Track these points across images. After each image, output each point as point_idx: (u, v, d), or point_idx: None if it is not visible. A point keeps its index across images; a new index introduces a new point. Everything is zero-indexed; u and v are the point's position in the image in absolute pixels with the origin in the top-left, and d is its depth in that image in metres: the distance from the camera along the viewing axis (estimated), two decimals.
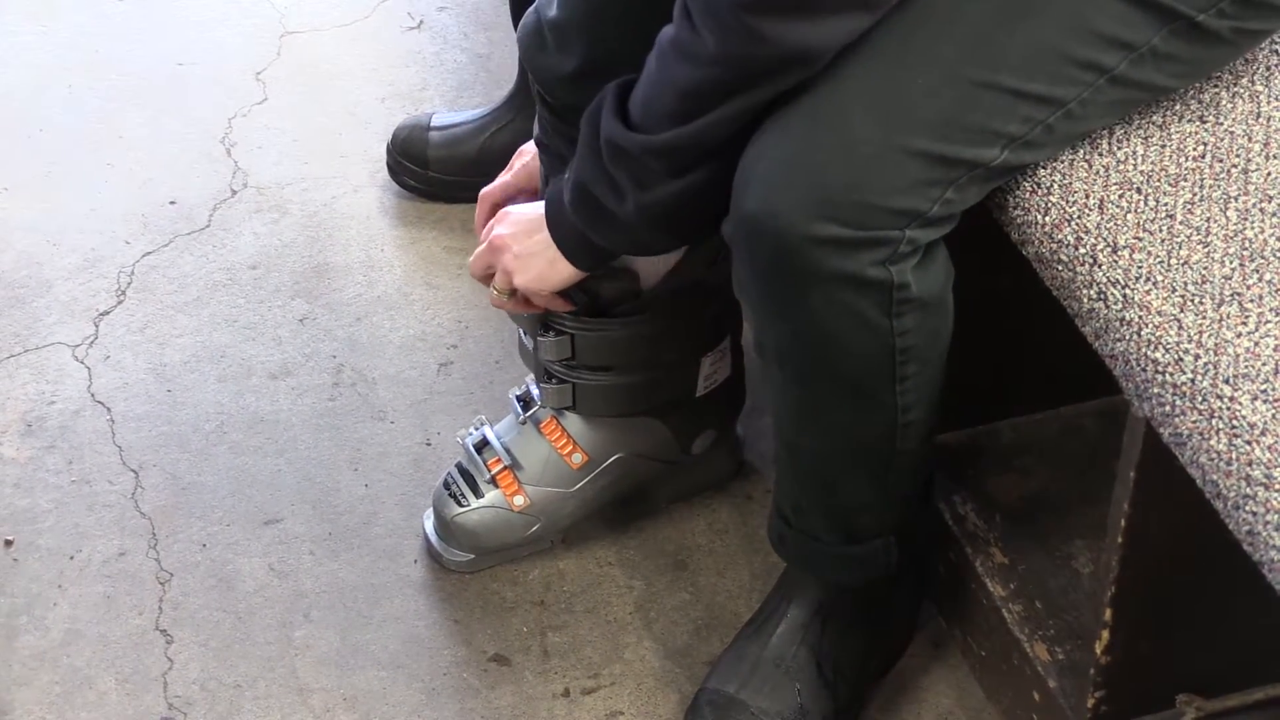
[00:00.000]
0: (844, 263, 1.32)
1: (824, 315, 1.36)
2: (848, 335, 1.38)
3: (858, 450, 1.49)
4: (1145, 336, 1.25)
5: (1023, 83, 1.32)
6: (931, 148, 1.31)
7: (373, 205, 2.21)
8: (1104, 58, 1.34)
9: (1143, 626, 1.43)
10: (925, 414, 1.47)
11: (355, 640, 1.72)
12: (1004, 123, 1.33)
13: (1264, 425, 1.17)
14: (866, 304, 1.36)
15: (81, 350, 2.02)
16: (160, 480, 1.87)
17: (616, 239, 1.49)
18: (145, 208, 2.20)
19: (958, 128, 1.32)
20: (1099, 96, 1.35)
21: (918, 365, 1.42)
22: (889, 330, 1.38)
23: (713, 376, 1.74)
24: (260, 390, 1.97)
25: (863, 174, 1.30)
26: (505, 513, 1.75)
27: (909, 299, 1.36)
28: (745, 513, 1.84)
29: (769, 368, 1.46)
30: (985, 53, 1.32)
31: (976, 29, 1.33)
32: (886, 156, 1.30)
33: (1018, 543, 1.64)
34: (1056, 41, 1.33)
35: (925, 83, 1.32)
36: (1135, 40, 1.34)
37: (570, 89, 1.53)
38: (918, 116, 1.31)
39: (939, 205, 1.33)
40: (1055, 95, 1.34)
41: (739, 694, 1.57)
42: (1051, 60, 1.33)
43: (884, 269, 1.34)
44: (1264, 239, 1.30)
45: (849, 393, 1.44)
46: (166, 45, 2.48)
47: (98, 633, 1.73)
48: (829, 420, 1.47)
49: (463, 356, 2.01)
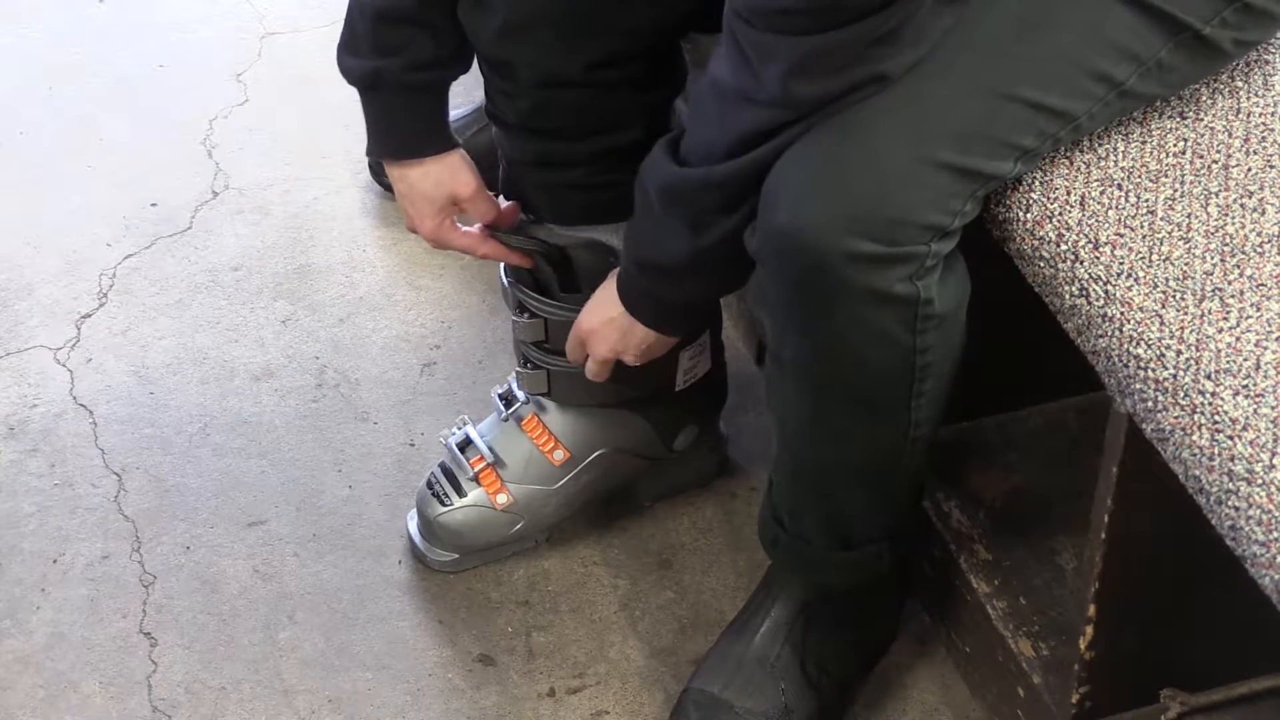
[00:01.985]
0: (872, 279, 1.32)
1: (848, 331, 1.36)
2: (870, 351, 1.38)
3: (864, 463, 1.49)
4: (1127, 333, 1.25)
5: (1041, 95, 1.33)
6: (955, 160, 1.31)
7: (355, 206, 2.21)
8: (1116, 70, 1.34)
9: (1126, 622, 1.43)
10: (932, 428, 1.47)
11: (340, 641, 1.72)
12: (1021, 135, 1.34)
13: (1246, 420, 1.17)
14: (891, 321, 1.35)
15: (63, 353, 2.02)
16: (143, 483, 1.87)
17: (676, 290, 1.51)
18: (126, 210, 2.20)
19: (979, 140, 1.32)
20: (1106, 110, 1.37)
21: (934, 381, 1.42)
22: (912, 348, 1.38)
23: (692, 371, 1.74)
24: (243, 392, 1.97)
25: (892, 188, 1.30)
26: (488, 511, 1.75)
27: (931, 314, 1.36)
28: (730, 511, 1.84)
29: (783, 380, 1.45)
30: (1006, 65, 1.33)
31: (997, 41, 1.33)
32: (913, 170, 1.31)
33: (1002, 539, 1.64)
34: (1074, 53, 1.34)
35: (948, 95, 1.32)
36: (1144, 53, 1.35)
37: (500, 43, 1.53)
38: (942, 129, 1.31)
39: (958, 218, 1.34)
40: (1070, 109, 1.34)
41: (723, 694, 1.57)
42: (1069, 72, 1.34)
43: (911, 284, 1.33)
44: (1244, 234, 1.30)
45: (864, 408, 1.43)
46: (147, 47, 2.47)
47: (81, 636, 1.72)
48: (841, 434, 1.47)
49: (446, 357, 2.01)
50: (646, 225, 1.47)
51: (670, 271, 1.48)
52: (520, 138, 1.58)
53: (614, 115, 1.55)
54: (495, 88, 1.58)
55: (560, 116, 1.55)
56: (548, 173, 1.59)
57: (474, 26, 1.54)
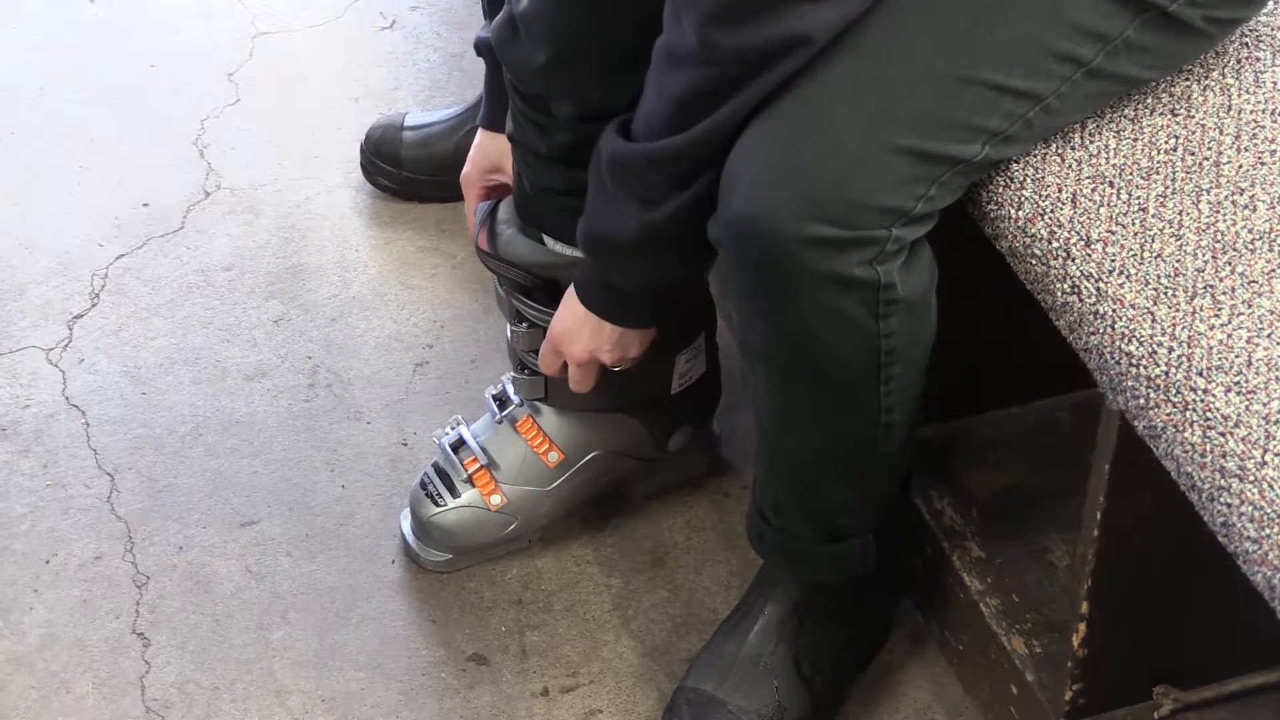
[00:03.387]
0: (832, 263, 1.32)
1: (811, 316, 1.36)
2: (834, 336, 1.38)
3: (840, 451, 1.49)
4: (1119, 330, 1.25)
5: (1003, 77, 1.33)
6: (916, 144, 1.31)
7: (347, 206, 2.21)
8: (1080, 50, 1.34)
9: (1119, 619, 1.44)
10: (906, 415, 1.47)
11: (333, 641, 1.72)
12: (985, 118, 1.33)
13: (1237, 417, 1.17)
14: (854, 305, 1.35)
15: (55, 354, 2.01)
16: (136, 483, 1.87)
17: (630, 272, 1.49)
18: (118, 210, 2.20)
19: (941, 123, 1.32)
20: (1076, 90, 1.36)
21: (902, 366, 1.42)
22: (875, 332, 1.38)
23: (688, 374, 1.74)
24: (236, 392, 1.97)
25: (849, 173, 1.30)
26: (482, 512, 1.75)
27: (895, 299, 1.36)
28: (722, 509, 1.84)
29: (753, 368, 1.46)
30: (965, 47, 1.33)
31: (955, 24, 1.33)
32: (872, 154, 1.30)
33: (994, 537, 1.64)
34: (1034, 34, 1.33)
35: (907, 79, 1.32)
36: (1109, 32, 1.34)
37: (541, 80, 1.52)
38: (901, 113, 1.31)
39: (922, 203, 1.33)
40: (1034, 89, 1.34)
41: (717, 692, 1.57)
42: (1030, 53, 1.33)
43: (871, 269, 1.34)
44: (1235, 231, 1.30)
45: (833, 394, 1.44)
46: (138, 47, 2.47)
47: (74, 637, 1.72)
48: (812, 421, 1.47)
49: (438, 356, 2.01)
50: (599, 201, 1.45)
51: (622, 250, 1.46)
52: (552, 168, 1.57)
53: None
54: (528, 119, 1.57)
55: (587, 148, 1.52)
56: (576, 200, 1.55)
57: (513, 60, 1.53)
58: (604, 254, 1.48)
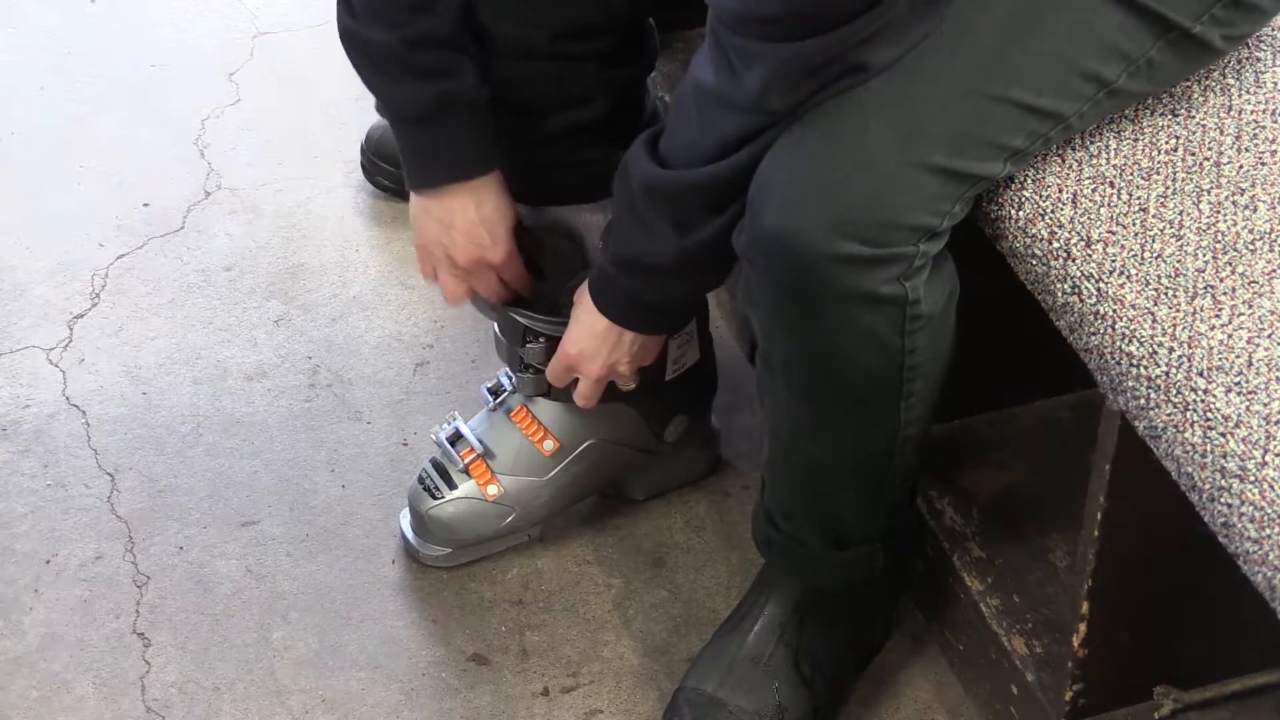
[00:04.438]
0: (860, 280, 1.32)
1: (837, 332, 1.36)
2: (859, 352, 1.38)
3: (856, 463, 1.49)
4: (1119, 330, 1.25)
5: (1033, 97, 1.33)
6: (946, 163, 1.31)
7: (347, 205, 2.21)
8: (1106, 70, 1.35)
9: (1119, 619, 1.44)
10: (922, 428, 1.48)
11: (333, 641, 1.72)
12: (1011, 137, 1.34)
13: (1238, 417, 1.17)
14: (880, 321, 1.36)
15: (56, 354, 2.01)
16: (136, 483, 1.87)
17: (661, 289, 1.51)
18: (119, 210, 2.20)
19: (971, 142, 1.32)
20: (1095, 110, 1.37)
21: (923, 382, 1.42)
22: (899, 348, 1.38)
23: (681, 360, 1.74)
24: (236, 392, 1.97)
25: (881, 191, 1.30)
26: (479, 503, 1.74)
27: (919, 315, 1.37)
28: (723, 509, 1.84)
29: (773, 380, 1.46)
30: (998, 67, 1.33)
31: (988, 43, 1.33)
32: (904, 173, 1.31)
33: (995, 537, 1.64)
34: (1065, 53, 1.34)
35: (940, 98, 1.32)
36: (1133, 51, 1.35)
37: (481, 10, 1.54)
38: (933, 132, 1.31)
39: (947, 219, 1.34)
40: (1060, 109, 1.35)
41: (717, 692, 1.57)
42: (1060, 72, 1.34)
43: (899, 285, 1.34)
44: (1236, 231, 1.30)
45: (854, 408, 1.44)
46: (138, 46, 2.47)
47: (75, 637, 1.72)
48: (831, 434, 1.47)
49: (439, 356, 2.01)
50: (630, 221, 1.46)
51: (654, 270, 1.48)
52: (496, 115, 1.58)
53: (581, 90, 1.57)
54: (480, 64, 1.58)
55: (529, 88, 1.56)
56: (518, 152, 1.59)
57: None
58: (636, 273, 1.50)
